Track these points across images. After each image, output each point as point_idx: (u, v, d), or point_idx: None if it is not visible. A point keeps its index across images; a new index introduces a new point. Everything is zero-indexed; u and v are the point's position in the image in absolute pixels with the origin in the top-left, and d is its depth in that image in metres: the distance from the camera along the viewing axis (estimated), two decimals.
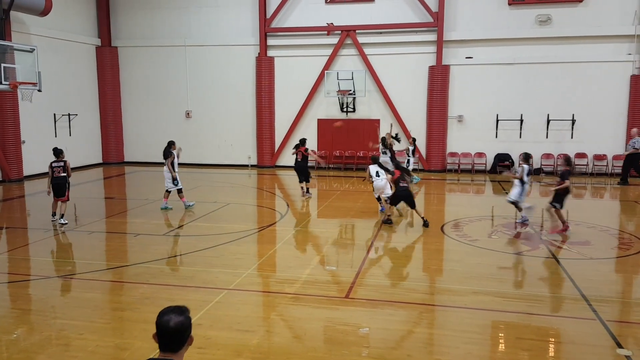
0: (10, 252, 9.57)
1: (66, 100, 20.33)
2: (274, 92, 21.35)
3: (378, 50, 20.28)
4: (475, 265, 8.51)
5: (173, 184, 12.81)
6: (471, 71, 19.71)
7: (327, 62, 20.56)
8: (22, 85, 12.81)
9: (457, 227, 11.10)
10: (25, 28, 18.08)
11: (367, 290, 7.40)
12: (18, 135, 17.65)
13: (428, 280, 8.04)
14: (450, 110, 20.05)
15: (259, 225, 11.61)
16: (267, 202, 14.97)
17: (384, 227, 11.12)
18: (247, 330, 6.02)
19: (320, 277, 7.95)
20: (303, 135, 21.25)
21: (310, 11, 20.59)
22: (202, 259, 8.89)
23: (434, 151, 20.18)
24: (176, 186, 12.83)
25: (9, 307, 6.95)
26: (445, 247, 9.83)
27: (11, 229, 11.37)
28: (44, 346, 5.66)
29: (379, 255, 9.34)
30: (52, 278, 8.06)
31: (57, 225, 11.27)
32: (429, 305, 6.91)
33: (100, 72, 22.24)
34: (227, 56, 21.53)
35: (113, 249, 10.01)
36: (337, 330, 6.09)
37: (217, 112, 21.97)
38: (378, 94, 20.49)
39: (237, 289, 7.37)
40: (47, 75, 16.02)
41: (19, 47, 12.86)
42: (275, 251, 9.58)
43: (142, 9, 22.07)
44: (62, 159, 11.48)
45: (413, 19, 19.84)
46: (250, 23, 21.18)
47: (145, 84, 22.49)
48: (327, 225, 11.66)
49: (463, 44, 19.70)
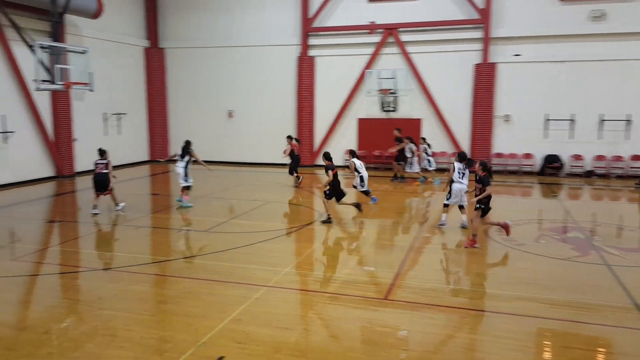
0: (62, 245, 9.96)
1: (116, 100, 21.01)
2: (314, 91, 21.41)
3: (421, 49, 20.00)
4: (520, 270, 8.26)
5: (185, 180, 13.17)
6: (519, 69, 19.15)
7: (368, 61, 20.44)
8: (75, 85, 13.30)
9: (503, 231, 10.78)
10: (78, 30, 18.81)
11: (406, 292, 7.29)
12: (70, 133, 18.37)
13: (470, 284, 7.86)
14: (496, 109, 19.56)
15: (297, 224, 11.64)
16: (306, 201, 15.00)
17: (425, 230, 10.93)
18: (286, 327, 6.05)
19: (359, 278, 7.90)
20: (343, 136, 21.34)
21: (352, 10, 20.52)
22: (242, 256, 8.99)
23: (479, 152, 19.71)
24: (187, 182, 13.18)
25: (60, 297, 7.23)
26: (490, 251, 9.58)
27: (63, 223, 11.83)
28: (91, 336, 5.86)
29: (419, 257, 9.18)
30: (100, 270, 8.33)
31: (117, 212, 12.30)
32: (471, 310, 6.74)
33: (148, 72, 22.89)
34: (268, 56, 21.73)
35: (157, 244, 10.29)
36: (375, 331, 6.03)
37: (258, 112, 22.20)
38: (420, 93, 20.21)
39: (275, 287, 7.42)
40: (98, 75, 16.55)
41: (72, 49, 13.35)
42: (313, 250, 9.58)
43: (188, 11, 22.56)
44: (106, 158, 12.24)
45: (458, 16, 19.47)
46: (292, 23, 21.31)
47: (190, 84, 22.98)
48: (365, 225, 11.58)
49: (511, 41, 19.17)
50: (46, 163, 17.96)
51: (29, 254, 9.20)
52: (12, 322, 6.29)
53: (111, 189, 12.40)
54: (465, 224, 10.68)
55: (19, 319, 6.40)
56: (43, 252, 9.47)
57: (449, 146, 20.21)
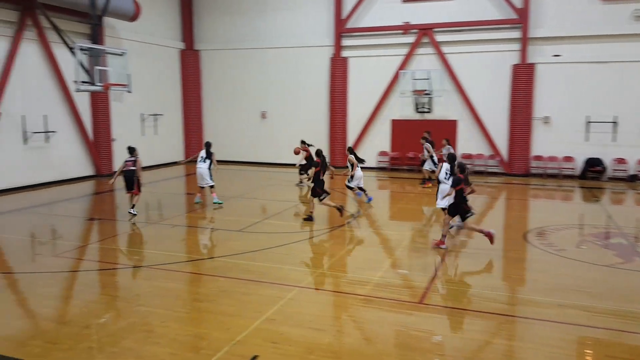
0: (101, 242, 10.20)
1: (152, 101, 21.43)
2: (347, 92, 21.35)
3: (457, 49, 19.70)
4: (561, 276, 8.02)
5: (210, 180, 13.44)
6: (559, 70, 18.65)
7: (402, 61, 20.26)
8: (114, 86, 13.61)
9: (542, 236, 10.51)
10: (116, 33, 19.27)
11: (442, 296, 7.17)
12: (109, 133, 18.83)
13: (508, 290, 7.67)
14: (535, 111, 19.09)
15: (330, 225, 11.61)
16: (339, 202, 14.94)
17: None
18: (319, 329, 6.02)
19: (393, 281, 7.81)
20: (377, 136, 21.19)
21: (386, 11, 20.37)
22: (275, 256, 9.02)
23: (517, 154, 19.29)
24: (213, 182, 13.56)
25: (99, 293, 7.40)
26: (528, 256, 9.34)
27: (102, 221, 12.11)
28: (129, 331, 5.96)
29: (455, 261, 9.02)
30: (138, 267, 8.49)
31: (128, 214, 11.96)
32: (508, 316, 6.57)
33: (183, 74, 23.27)
34: (301, 57, 21.80)
35: (193, 242, 10.42)
36: (409, 335, 5.95)
37: (291, 113, 22.28)
38: (456, 94, 19.91)
39: (308, 287, 7.40)
40: (135, 77, 16.90)
41: (111, 51, 13.65)
42: (346, 252, 9.53)
43: (222, 14, 22.83)
44: (135, 156, 12.10)
45: (495, 16, 19.10)
46: (326, 24, 21.31)
47: (224, 85, 23.25)
48: (399, 228, 11.46)
49: (550, 41, 18.68)
50: (86, 162, 18.45)
51: (70, 250, 9.45)
52: (54, 316, 6.46)
53: (137, 190, 12.08)
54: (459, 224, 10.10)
55: (60, 314, 6.57)
56: (83, 249, 9.71)
57: (486, 148, 19.84)
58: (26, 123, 15.95)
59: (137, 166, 12.03)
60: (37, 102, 16.37)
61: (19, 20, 15.58)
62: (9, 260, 9.10)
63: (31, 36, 16.06)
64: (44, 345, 5.59)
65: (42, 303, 6.88)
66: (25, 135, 15.96)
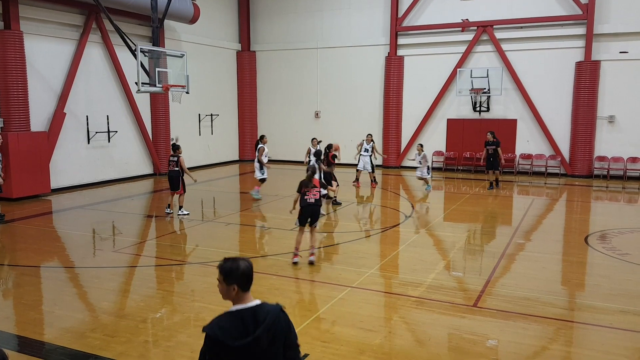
0: (158, 239, 10.55)
1: (209, 101, 21.97)
2: (402, 91, 21.09)
3: (517, 46, 19.06)
4: (624, 281, 7.60)
5: (260, 174, 13.72)
6: (626, 67, 17.68)
7: (459, 59, 19.80)
8: (173, 87, 14.01)
9: (605, 239, 10.01)
10: (176, 35, 19.90)
11: (497, 300, 6.94)
12: (168, 133, 19.45)
13: (568, 294, 7.33)
14: (599, 110, 18.20)
15: (382, 226, 11.49)
16: (392, 202, 14.80)
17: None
18: (370, 329, 5.97)
19: (446, 283, 7.63)
20: (431, 135, 20.82)
21: (444, 8, 19.98)
22: (327, 256, 9.03)
23: (579, 155, 18.45)
24: (263, 175, 13.87)
25: (155, 288, 7.64)
26: (590, 260, 8.91)
27: (159, 218, 12.52)
28: (184, 326, 6.12)
29: (511, 264, 8.71)
30: (192, 264, 8.71)
31: (178, 216, 12.10)
32: (567, 322, 6.29)
33: (239, 75, 23.73)
34: (356, 57, 21.72)
35: (246, 241, 10.61)
36: (463, 339, 5.79)
37: (344, 112, 22.24)
38: (516, 93, 19.26)
39: (360, 288, 7.35)
40: (193, 78, 17.39)
41: (171, 53, 14.06)
42: (398, 253, 9.40)
43: (278, 15, 23.11)
44: (177, 154, 12.14)
45: (558, 12, 18.34)
46: (381, 23, 21.14)
47: (279, 85, 23.52)
48: (454, 230, 11.20)
49: (616, 37, 17.75)
50: (146, 161, 19.15)
51: (129, 246, 9.82)
52: (113, 310, 6.72)
53: (182, 190, 12.15)
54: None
55: (119, 308, 6.83)
56: (141, 245, 10.08)
57: (547, 148, 19.11)
58: (89, 123, 16.73)
59: (180, 166, 12.09)
60: (100, 102, 17.13)
61: (84, 24, 16.37)
62: (71, 255, 9.55)
63: (95, 39, 16.83)
64: (103, 338, 5.81)
65: (102, 297, 7.17)
66: (88, 135, 16.74)
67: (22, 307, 6.81)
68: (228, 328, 2.68)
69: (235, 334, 2.65)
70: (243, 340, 2.63)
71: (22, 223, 11.71)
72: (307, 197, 8.34)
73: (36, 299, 7.15)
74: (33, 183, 14.40)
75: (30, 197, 14.39)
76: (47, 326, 6.26)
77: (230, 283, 2.80)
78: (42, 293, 7.50)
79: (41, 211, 13.04)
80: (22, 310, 6.72)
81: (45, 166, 14.80)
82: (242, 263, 2.84)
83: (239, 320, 2.72)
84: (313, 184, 8.42)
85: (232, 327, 2.69)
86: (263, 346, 2.68)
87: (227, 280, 2.81)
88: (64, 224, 12.09)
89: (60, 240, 10.57)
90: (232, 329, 2.67)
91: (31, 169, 14.27)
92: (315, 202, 8.32)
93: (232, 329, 2.67)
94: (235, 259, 2.85)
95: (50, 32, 15.49)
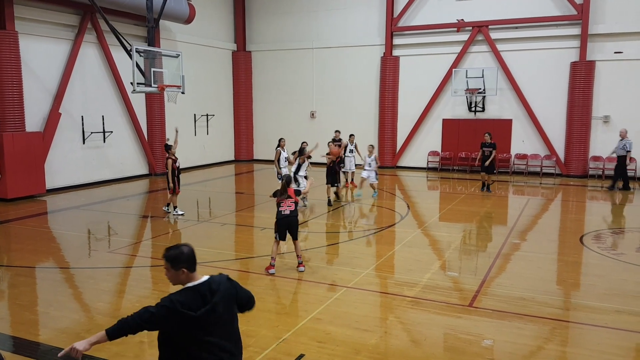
0: (154, 239, 10.53)
1: (205, 101, 21.94)
2: (397, 91, 21.12)
3: (512, 46, 19.13)
4: (620, 281, 7.64)
5: (278, 178, 13.58)
6: (620, 67, 17.77)
7: (455, 59, 19.85)
8: (169, 88, 13.99)
9: (600, 239, 10.06)
10: (172, 35, 19.86)
11: (493, 300, 6.96)
12: (163, 133, 19.38)
13: (563, 294, 7.36)
14: (594, 110, 18.27)
15: (378, 226, 11.51)
16: (387, 202, 14.81)
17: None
18: (366, 329, 5.98)
19: (442, 283, 7.65)
20: (427, 135, 20.85)
21: (439, 8, 20.02)
22: (323, 256, 9.04)
23: (574, 155, 18.52)
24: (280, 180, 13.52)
25: (151, 289, 7.63)
26: (585, 260, 8.94)
27: (154, 218, 12.49)
28: None
29: (507, 265, 8.74)
30: None
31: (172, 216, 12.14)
32: (563, 322, 6.31)
33: (235, 75, 23.70)
34: (352, 57, 21.73)
35: (241, 241, 10.60)
36: (458, 339, 5.81)
37: (340, 112, 22.22)
38: (511, 93, 19.33)
39: (355, 288, 7.36)
40: (189, 78, 17.40)
41: (166, 53, 14.04)
42: (394, 253, 9.42)
43: (274, 15, 23.09)
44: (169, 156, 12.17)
45: (553, 12, 18.41)
46: (377, 23, 21.17)
47: (275, 85, 23.51)
48: (449, 230, 11.22)
49: (611, 37, 17.83)
50: (141, 161, 19.10)
51: (124, 246, 9.80)
52: (108, 310, 6.71)
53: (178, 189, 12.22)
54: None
55: (114, 308, 6.81)
56: (136, 245, 10.06)
57: (542, 148, 19.17)
58: (85, 123, 16.67)
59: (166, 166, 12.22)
60: (95, 103, 17.07)
61: (79, 24, 16.31)
62: (66, 256, 9.51)
63: (91, 39, 16.77)
64: None
65: (97, 297, 7.15)
66: (84, 135, 16.68)
67: (17, 307, 6.79)
68: (188, 301, 3.05)
69: (194, 306, 3.04)
70: (202, 309, 3.03)
71: (17, 223, 11.67)
72: (282, 208, 7.98)
73: (31, 299, 7.12)
74: (28, 183, 14.34)
75: (26, 198, 14.34)
76: (42, 327, 6.24)
77: (179, 268, 3.16)
78: (37, 294, 7.47)
79: (36, 211, 12.99)
80: (17, 311, 6.70)
81: (40, 166, 14.75)
82: (185, 248, 3.21)
83: (197, 293, 3.10)
84: (288, 194, 8.13)
85: (191, 300, 3.07)
86: (219, 313, 3.12)
87: (175, 266, 3.17)
88: (59, 224, 12.06)
89: (55, 241, 10.54)
90: (191, 302, 3.05)
91: (26, 169, 14.22)
92: (290, 213, 7.98)
93: (191, 302, 3.05)
94: (177, 246, 3.22)
95: (46, 32, 15.43)
